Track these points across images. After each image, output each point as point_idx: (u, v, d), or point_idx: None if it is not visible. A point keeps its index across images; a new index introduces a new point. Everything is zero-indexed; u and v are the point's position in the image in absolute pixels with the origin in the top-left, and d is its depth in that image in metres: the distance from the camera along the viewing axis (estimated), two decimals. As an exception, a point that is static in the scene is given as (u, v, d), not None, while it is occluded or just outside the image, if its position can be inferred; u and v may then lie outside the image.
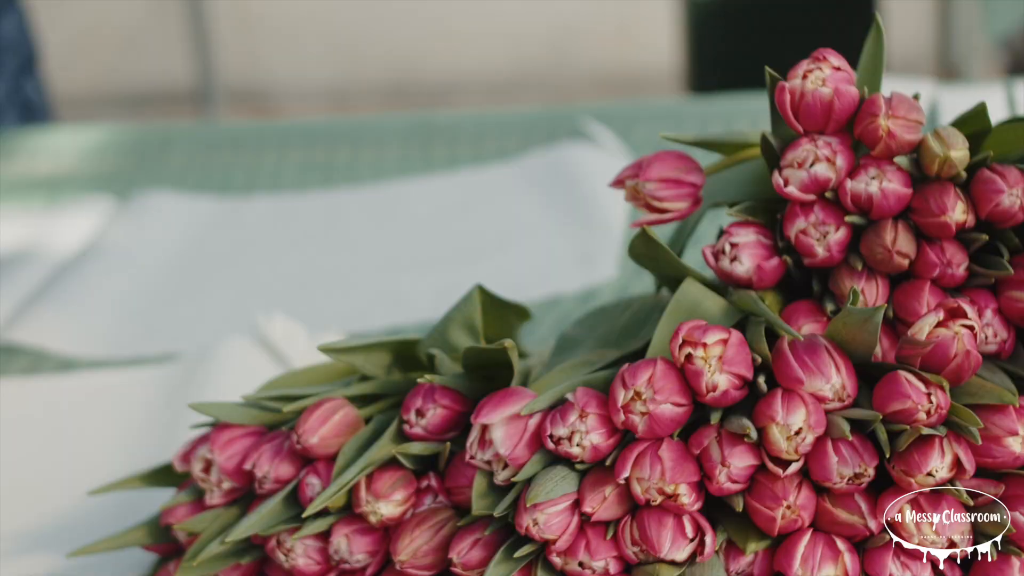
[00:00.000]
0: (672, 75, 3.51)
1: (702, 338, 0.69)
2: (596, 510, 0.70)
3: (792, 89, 0.73)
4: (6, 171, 1.52)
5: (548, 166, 1.36)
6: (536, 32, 3.58)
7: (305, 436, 0.74)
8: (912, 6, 3.40)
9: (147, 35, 3.74)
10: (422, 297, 1.18)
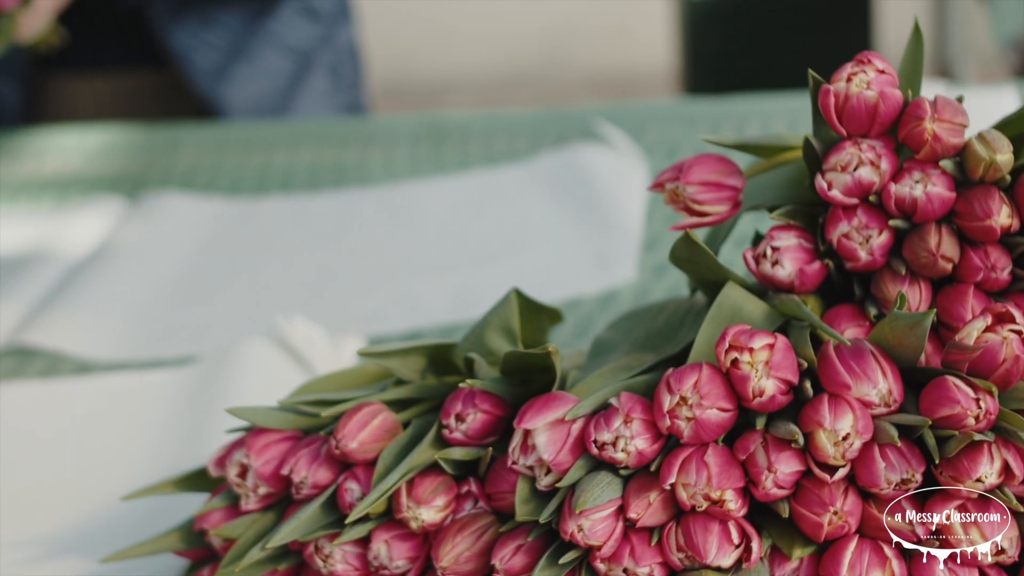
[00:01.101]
0: (667, 75, 3.51)
1: (748, 343, 0.69)
2: (641, 516, 0.69)
3: (837, 92, 0.73)
4: (15, 171, 1.52)
5: (561, 167, 1.36)
6: (531, 32, 3.57)
7: (344, 441, 0.74)
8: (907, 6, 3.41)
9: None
10: (439, 299, 1.17)
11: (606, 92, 3.53)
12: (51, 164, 1.53)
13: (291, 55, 1.60)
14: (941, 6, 3.35)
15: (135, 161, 1.52)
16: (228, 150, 1.50)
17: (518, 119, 1.50)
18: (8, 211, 1.44)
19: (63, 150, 1.55)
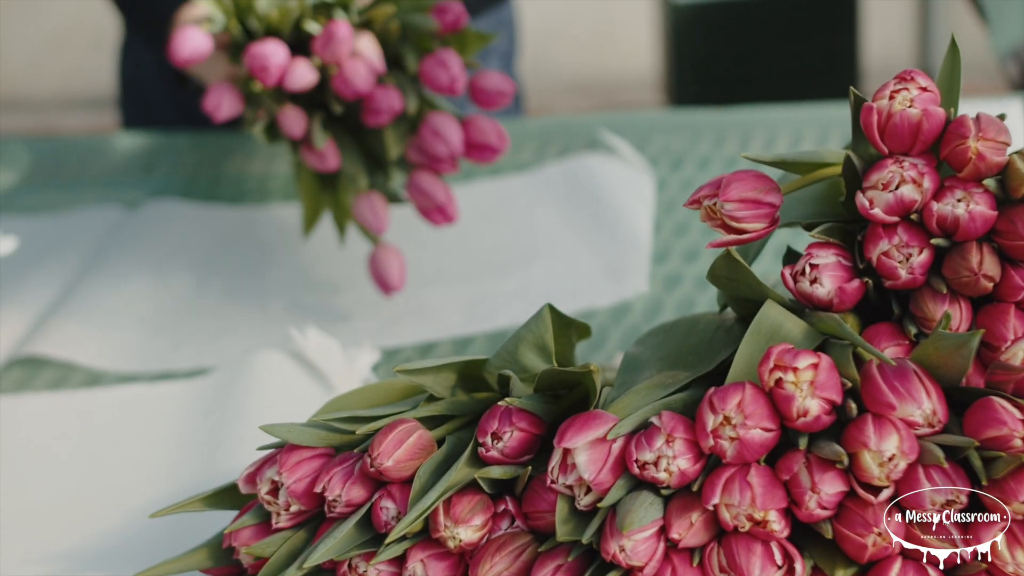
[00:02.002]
0: (651, 80, 3.51)
1: (793, 362, 0.68)
2: (683, 536, 0.69)
3: (879, 109, 0.72)
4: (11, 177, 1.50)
5: (569, 177, 1.35)
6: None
7: (380, 459, 0.73)
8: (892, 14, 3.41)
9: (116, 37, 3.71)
10: (451, 311, 1.17)
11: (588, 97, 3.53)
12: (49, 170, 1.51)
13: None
14: (925, 16, 3.36)
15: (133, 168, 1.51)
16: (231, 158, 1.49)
17: (522, 128, 1.49)
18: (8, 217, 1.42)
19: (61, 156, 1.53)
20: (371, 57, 1.10)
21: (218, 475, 0.93)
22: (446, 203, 1.12)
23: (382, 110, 1.09)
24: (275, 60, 1.08)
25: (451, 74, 1.10)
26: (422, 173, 1.12)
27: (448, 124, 1.11)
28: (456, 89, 1.11)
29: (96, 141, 1.56)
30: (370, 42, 1.12)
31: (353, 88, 1.08)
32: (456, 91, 1.11)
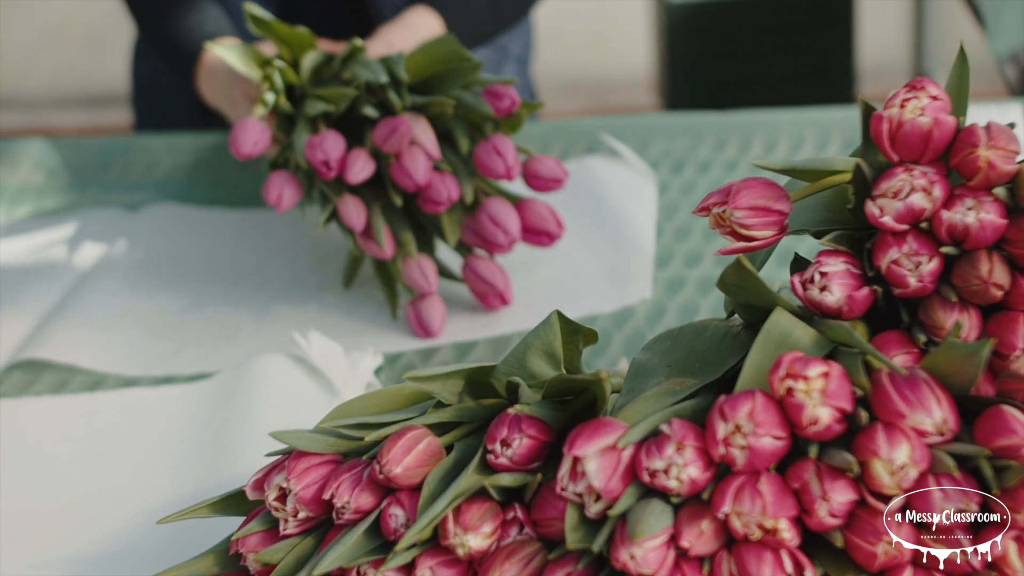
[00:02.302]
0: (644, 81, 3.51)
1: (803, 371, 0.68)
2: (693, 545, 0.69)
3: (890, 118, 0.72)
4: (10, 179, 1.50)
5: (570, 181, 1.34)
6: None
7: (389, 466, 0.73)
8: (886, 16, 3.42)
9: (110, 35, 3.70)
10: (453, 316, 1.16)
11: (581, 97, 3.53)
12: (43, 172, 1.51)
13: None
14: (919, 18, 3.36)
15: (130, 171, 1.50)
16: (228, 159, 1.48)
17: (521, 132, 1.49)
18: (8, 220, 1.42)
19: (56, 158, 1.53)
20: (428, 145, 1.12)
21: (223, 480, 0.93)
22: (504, 289, 1.14)
23: (440, 201, 1.11)
24: (335, 155, 1.10)
25: (507, 163, 1.11)
26: (480, 260, 1.14)
27: (506, 211, 1.13)
28: (511, 177, 1.12)
29: (96, 143, 1.56)
30: (426, 127, 1.13)
31: (413, 180, 1.10)
32: (511, 178, 1.12)
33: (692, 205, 1.32)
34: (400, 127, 1.09)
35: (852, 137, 1.41)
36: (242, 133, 1.13)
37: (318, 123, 1.15)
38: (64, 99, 3.77)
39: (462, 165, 1.14)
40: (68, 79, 3.75)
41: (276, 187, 1.13)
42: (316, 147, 1.10)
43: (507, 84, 1.14)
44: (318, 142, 1.10)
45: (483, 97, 1.14)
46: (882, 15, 3.41)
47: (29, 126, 3.70)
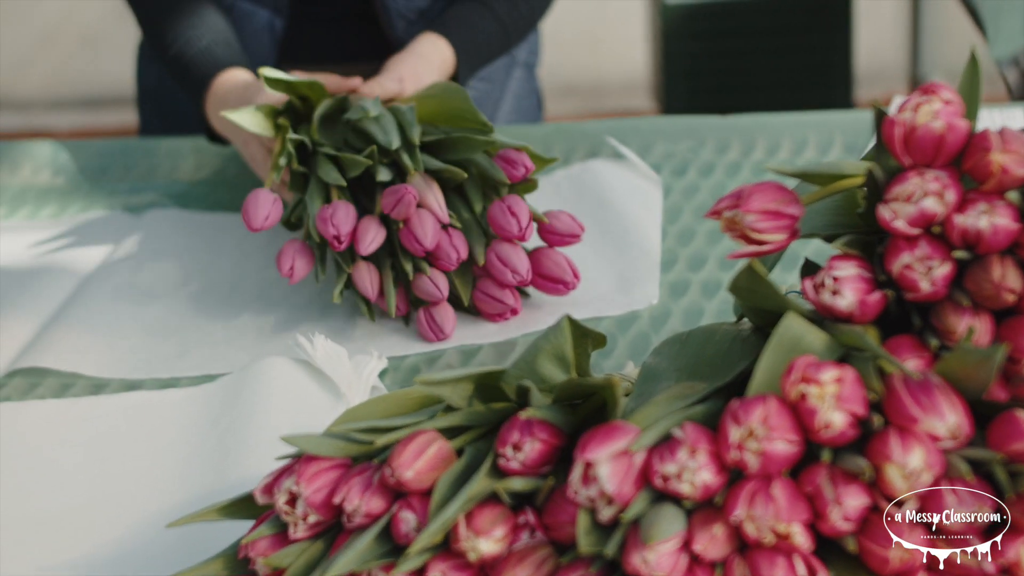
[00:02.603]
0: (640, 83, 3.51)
1: (816, 375, 0.68)
2: (706, 549, 0.68)
3: (902, 122, 0.72)
4: (10, 181, 1.49)
5: (575, 184, 1.34)
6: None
7: (400, 470, 0.73)
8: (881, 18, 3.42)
9: (107, 37, 3.69)
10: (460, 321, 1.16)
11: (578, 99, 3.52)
12: (46, 175, 1.51)
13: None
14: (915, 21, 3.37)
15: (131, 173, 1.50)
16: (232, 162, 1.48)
17: (523, 135, 1.49)
18: (8, 222, 1.41)
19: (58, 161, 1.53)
20: (437, 209, 1.12)
21: (229, 484, 0.93)
22: (516, 306, 1.15)
23: (451, 261, 1.12)
24: (345, 229, 1.11)
25: (520, 225, 1.12)
26: (489, 282, 1.15)
27: (514, 252, 1.13)
28: (525, 238, 1.13)
29: (97, 145, 1.55)
30: (436, 191, 1.14)
31: (421, 246, 1.11)
32: (524, 240, 1.13)
33: (695, 208, 1.31)
34: (406, 195, 1.10)
35: (854, 140, 1.41)
36: (254, 207, 1.14)
37: (331, 189, 1.15)
38: (60, 101, 3.76)
39: (475, 224, 1.15)
40: (64, 81, 3.74)
41: (288, 258, 1.14)
42: (327, 221, 1.11)
43: (520, 151, 1.15)
44: (329, 215, 1.11)
45: (497, 162, 1.15)
46: (879, 19, 3.41)
47: (25, 128, 3.69)
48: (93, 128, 3.68)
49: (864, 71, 3.33)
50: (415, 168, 1.13)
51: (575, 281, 1.15)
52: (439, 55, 1.38)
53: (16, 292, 1.24)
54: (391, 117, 1.18)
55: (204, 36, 1.38)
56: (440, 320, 1.13)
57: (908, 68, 3.42)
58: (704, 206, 1.32)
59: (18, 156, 1.53)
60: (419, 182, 1.13)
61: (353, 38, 1.57)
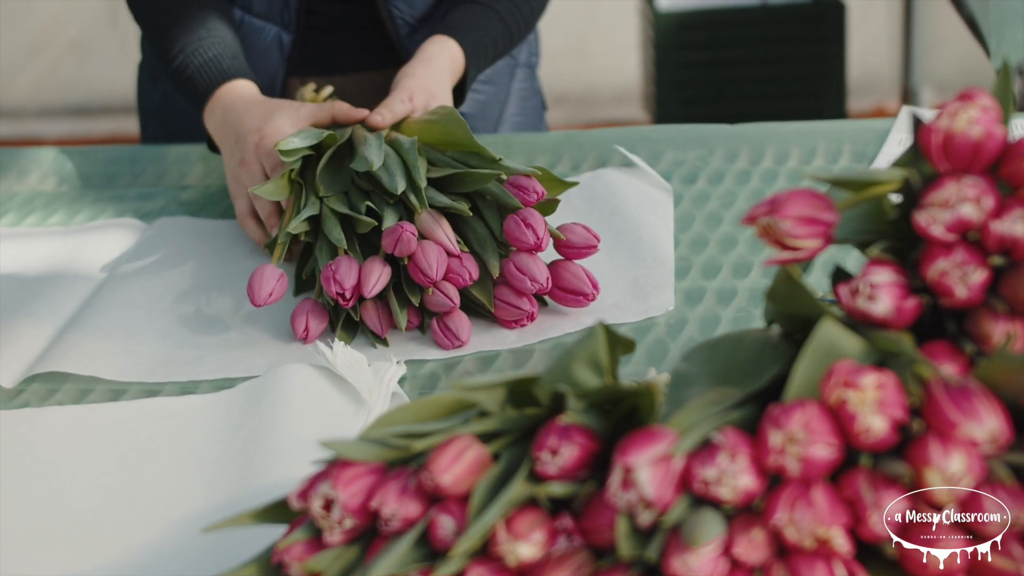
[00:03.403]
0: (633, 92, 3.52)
1: (857, 380, 0.69)
2: (746, 554, 0.69)
3: (940, 129, 0.72)
4: (18, 188, 1.49)
5: (586, 192, 1.34)
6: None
7: (438, 475, 0.73)
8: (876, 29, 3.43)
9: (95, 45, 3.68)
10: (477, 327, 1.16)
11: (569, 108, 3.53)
12: (52, 182, 1.50)
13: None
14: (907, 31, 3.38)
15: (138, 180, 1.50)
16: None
17: (532, 143, 1.49)
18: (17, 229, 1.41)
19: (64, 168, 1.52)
20: (445, 240, 1.13)
21: (255, 490, 0.93)
22: (534, 311, 1.15)
23: (463, 281, 1.13)
24: (349, 283, 1.12)
25: (536, 234, 1.13)
26: (506, 290, 1.15)
27: (532, 261, 1.14)
28: (541, 248, 1.14)
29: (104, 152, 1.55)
30: (443, 224, 1.14)
31: (428, 277, 1.12)
32: (541, 249, 1.14)
33: (706, 216, 1.32)
34: (403, 234, 1.12)
35: (862, 149, 1.41)
36: (259, 283, 1.15)
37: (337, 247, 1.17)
38: (49, 109, 3.76)
39: (490, 237, 1.15)
40: (54, 89, 3.74)
41: (302, 318, 1.15)
42: (330, 279, 1.12)
43: (530, 176, 1.17)
44: (332, 273, 1.12)
45: (508, 188, 1.16)
46: (871, 30, 3.43)
47: (14, 136, 3.69)
48: (83, 136, 3.67)
49: (856, 81, 3.35)
50: (421, 206, 1.14)
51: (594, 292, 1.15)
52: (448, 56, 1.39)
53: (31, 298, 1.24)
54: (396, 158, 1.19)
55: (212, 47, 1.38)
56: (455, 328, 1.13)
57: (900, 79, 3.44)
58: (715, 214, 1.32)
59: (25, 163, 1.53)
60: (426, 217, 1.14)
61: (360, 48, 1.57)
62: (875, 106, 3.50)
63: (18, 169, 1.52)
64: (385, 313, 1.14)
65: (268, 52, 1.52)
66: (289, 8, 1.51)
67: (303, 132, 1.26)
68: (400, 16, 1.51)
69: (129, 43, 3.62)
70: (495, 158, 1.19)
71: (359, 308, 1.15)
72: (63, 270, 1.30)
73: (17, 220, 1.43)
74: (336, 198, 1.20)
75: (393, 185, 1.15)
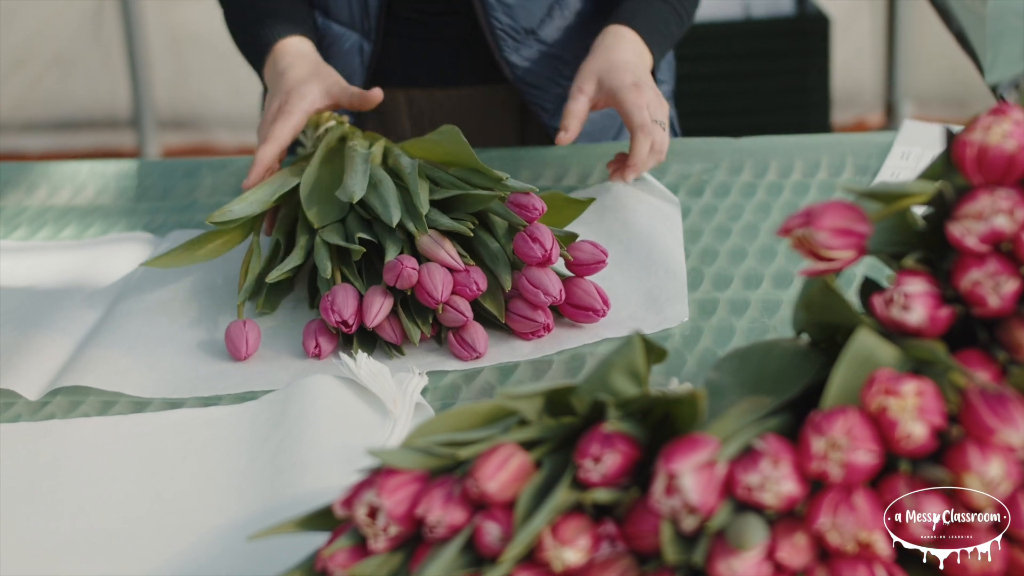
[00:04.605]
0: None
1: (897, 387, 0.70)
2: (789, 558, 0.70)
3: (974, 142, 0.74)
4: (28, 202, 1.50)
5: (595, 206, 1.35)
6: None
7: (484, 482, 0.74)
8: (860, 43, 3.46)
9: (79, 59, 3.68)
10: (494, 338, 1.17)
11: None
12: (65, 195, 1.51)
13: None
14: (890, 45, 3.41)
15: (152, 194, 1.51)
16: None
17: (538, 157, 1.50)
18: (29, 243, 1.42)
19: (78, 181, 1.53)
20: (448, 260, 1.15)
21: (287, 500, 0.94)
22: (549, 322, 1.17)
23: (471, 292, 1.15)
24: (348, 312, 1.13)
25: (545, 248, 1.14)
26: (521, 303, 1.16)
27: (544, 274, 1.15)
28: (551, 261, 1.15)
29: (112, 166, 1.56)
30: (447, 245, 1.16)
31: (435, 298, 1.13)
32: (551, 263, 1.15)
33: (714, 228, 1.33)
34: (404, 270, 1.13)
35: (865, 162, 1.43)
36: (238, 339, 1.16)
37: (334, 271, 1.18)
38: (31, 123, 3.75)
39: (501, 252, 1.17)
40: (35, 103, 3.73)
41: (312, 338, 1.16)
42: (328, 309, 1.14)
43: (528, 194, 1.18)
44: (329, 303, 1.14)
45: (509, 207, 1.18)
46: (854, 44, 3.45)
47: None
48: (66, 150, 3.67)
49: (839, 95, 3.37)
50: (421, 231, 1.16)
51: (605, 309, 1.17)
52: (629, 45, 1.41)
53: (48, 310, 1.25)
54: (390, 184, 1.20)
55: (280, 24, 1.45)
56: (471, 340, 1.14)
57: (883, 93, 3.47)
58: (722, 226, 1.34)
59: (35, 177, 1.54)
60: (427, 240, 1.15)
61: (453, 62, 1.57)
62: (857, 119, 3.52)
63: (27, 183, 1.53)
64: (399, 325, 1.16)
65: (347, 58, 1.53)
66: (369, 16, 1.51)
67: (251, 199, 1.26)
68: (500, 28, 1.50)
69: (112, 57, 3.63)
70: (499, 177, 1.20)
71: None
72: (78, 283, 1.31)
73: (29, 234, 1.43)
74: (331, 228, 1.21)
75: (388, 216, 1.16)
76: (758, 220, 1.34)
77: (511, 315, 1.16)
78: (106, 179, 1.53)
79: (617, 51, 1.40)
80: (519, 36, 1.51)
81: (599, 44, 1.42)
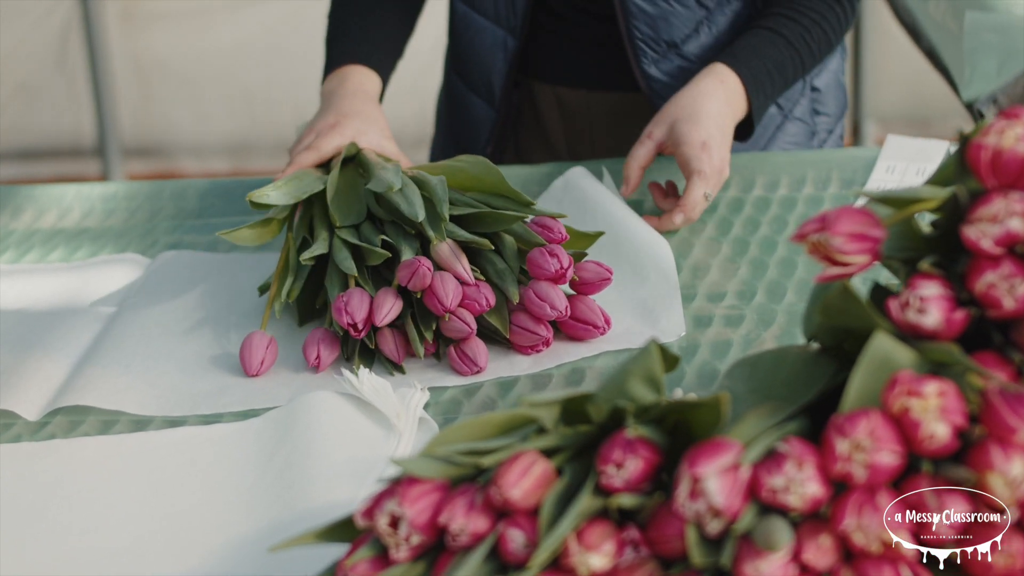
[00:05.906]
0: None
1: (920, 388, 0.71)
2: (814, 559, 0.71)
3: (988, 146, 0.75)
4: (14, 225, 1.49)
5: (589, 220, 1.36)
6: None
7: (507, 489, 0.74)
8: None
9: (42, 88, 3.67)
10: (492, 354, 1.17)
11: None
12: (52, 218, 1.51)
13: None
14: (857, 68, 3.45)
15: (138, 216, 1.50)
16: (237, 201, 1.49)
17: (526, 175, 1.51)
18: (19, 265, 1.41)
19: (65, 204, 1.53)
20: (462, 272, 1.15)
21: (298, 514, 0.94)
22: (549, 336, 1.17)
23: (479, 308, 1.15)
24: (360, 316, 1.14)
25: (561, 264, 1.15)
26: (522, 315, 1.17)
27: (550, 288, 1.16)
28: (564, 279, 1.16)
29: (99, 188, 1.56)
30: (461, 259, 1.16)
31: (443, 306, 1.13)
32: (564, 281, 1.16)
33: (703, 242, 1.34)
34: (420, 268, 1.13)
35: (850, 176, 1.45)
36: (249, 353, 1.16)
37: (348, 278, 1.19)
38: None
39: (509, 271, 1.18)
40: (1, 133, 3.72)
41: (314, 347, 1.16)
42: (341, 311, 1.14)
43: (555, 219, 1.19)
44: (343, 305, 1.14)
45: (532, 227, 1.19)
46: (820, 66, 3.48)
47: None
48: (29, 179, 3.65)
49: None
50: (438, 238, 1.16)
51: (605, 327, 1.17)
52: (724, 89, 1.38)
53: (43, 332, 1.24)
54: (415, 188, 1.21)
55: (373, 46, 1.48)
56: (472, 354, 1.14)
57: (849, 113, 3.50)
58: (711, 240, 1.35)
59: (20, 201, 1.53)
60: (445, 249, 1.16)
61: (594, 65, 1.55)
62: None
63: (12, 207, 1.52)
64: (401, 340, 1.16)
65: (492, 51, 1.53)
66: (516, 13, 1.50)
67: (284, 188, 1.27)
68: (640, 38, 1.48)
69: (76, 86, 3.61)
70: (529, 202, 1.21)
71: (375, 336, 1.16)
72: (71, 305, 1.30)
73: (16, 257, 1.43)
74: (347, 232, 1.21)
75: (413, 212, 1.17)
76: (747, 234, 1.35)
77: (514, 328, 1.16)
78: (92, 201, 1.53)
79: (705, 99, 1.37)
80: (660, 48, 1.48)
81: (692, 85, 1.38)
